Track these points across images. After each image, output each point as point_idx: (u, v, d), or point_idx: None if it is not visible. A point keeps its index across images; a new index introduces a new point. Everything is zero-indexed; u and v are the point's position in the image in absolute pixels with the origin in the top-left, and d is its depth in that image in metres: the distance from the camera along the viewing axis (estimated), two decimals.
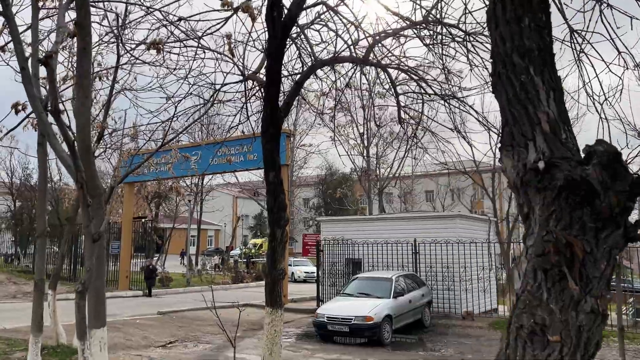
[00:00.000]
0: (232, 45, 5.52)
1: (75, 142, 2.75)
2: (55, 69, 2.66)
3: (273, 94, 5.69)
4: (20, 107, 7.89)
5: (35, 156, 9.09)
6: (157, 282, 23.28)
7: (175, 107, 9.33)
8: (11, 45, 8.61)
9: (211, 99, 8.49)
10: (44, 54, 2.66)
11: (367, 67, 7.53)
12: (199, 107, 9.43)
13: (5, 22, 3.69)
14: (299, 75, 6.62)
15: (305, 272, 33.26)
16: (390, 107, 14.53)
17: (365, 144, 26.74)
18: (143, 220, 25.71)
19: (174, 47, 6.56)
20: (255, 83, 7.98)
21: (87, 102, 3.24)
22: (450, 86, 7.43)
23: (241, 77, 7.79)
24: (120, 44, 7.37)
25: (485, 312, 16.36)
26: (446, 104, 7.43)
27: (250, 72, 7.60)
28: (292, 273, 34.24)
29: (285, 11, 5.28)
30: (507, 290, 19.25)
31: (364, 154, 27.10)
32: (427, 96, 7.44)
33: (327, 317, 12.27)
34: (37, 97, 3.89)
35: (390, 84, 7.46)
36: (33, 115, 8.14)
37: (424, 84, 7.33)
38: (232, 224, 77.30)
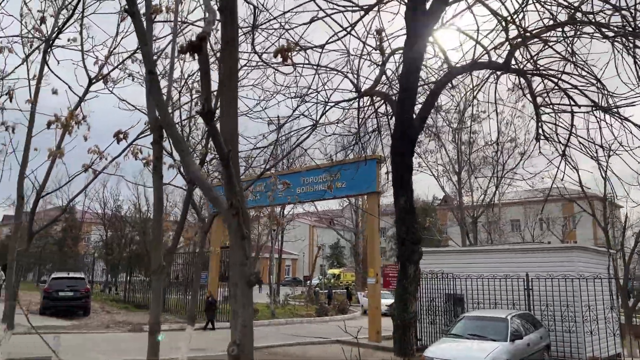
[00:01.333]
0: (381, 41, 4.73)
1: (230, 155, 1.99)
2: (208, 57, 1.90)
3: (408, 106, 4.82)
4: (122, 136, 7.59)
5: (138, 184, 8.80)
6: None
7: (278, 130, 8.79)
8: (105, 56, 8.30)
9: (321, 116, 7.79)
10: (194, 37, 1.84)
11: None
12: (307, 128, 8.81)
13: (131, 20, 3.10)
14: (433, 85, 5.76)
15: (387, 306, 31.83)
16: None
17: (457, 169, 25.24)
18: None
19: (293, 62, 5.93)
20: (371, 99, 7.21)
21: (234, 105, 2.49)
22: (605, 95, 6.25)
23: (354, 94, 7.04)
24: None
25: (609, 357, 14.33)
26: (600, 117, 6.25)
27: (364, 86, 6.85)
28: None
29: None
30: (626, 331, 16.99)
31: (455, 180, 25.60)
32: (577, 107, 6.30)
33: None
34: (166, 107, 3.25)
35: (529, 94, 6.41)
36: (139, 141, 7.75)
37: (573, 94, 6.21)
38: (310, 254, 77.07)
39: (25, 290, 29.69)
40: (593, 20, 5.37)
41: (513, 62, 5.85)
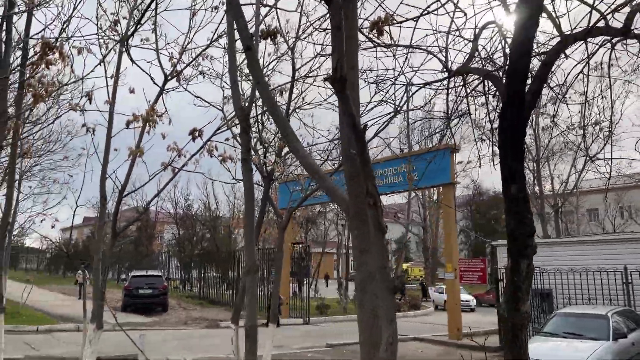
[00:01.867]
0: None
1: (364, 128, 1.57)
2: (340, 8, 1.48)
3: (518, 80, 4.22)
4: (197, 134, 7.44)
5: (214, 179, 8.62)
6: (314, 309, 22.72)
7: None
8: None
9: (407, 101, 7.26)
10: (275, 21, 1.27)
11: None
12: (390, 114, 8.31)
13: None
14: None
15: (461, 301, 30.75)
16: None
17: (537, 157, 23.72)
18: (301, 245, 25.54)
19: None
20: (463, 79, 6.62)
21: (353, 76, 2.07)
22: None
23: (443, 74, 6.48)
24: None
25: None
26: None
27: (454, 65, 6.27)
28: (445, 301, 31.91)
29: None
30: None
31: (534, 169, 24.13)
32: None
33: None
34: (267, 84, 2.89)
35: None
36: (214, 139, 7.58)
37: None
38: None
39: (107, 288, 31.02)
40: None
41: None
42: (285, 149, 9.25)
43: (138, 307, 21.41)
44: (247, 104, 5.66)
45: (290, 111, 8.65)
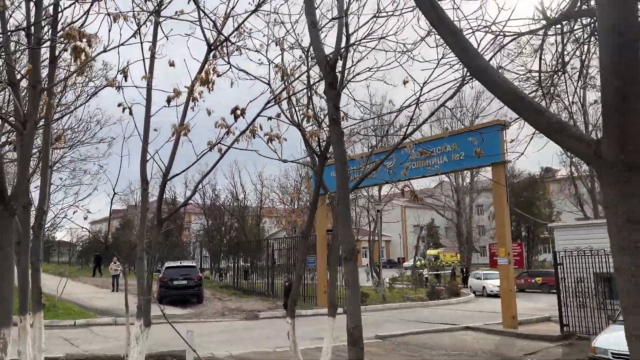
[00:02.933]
0: None
1: None
2: None
3: None
4: (239, 112, 6.77)
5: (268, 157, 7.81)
6: None
7: (421, 87, 7.38)
8: None
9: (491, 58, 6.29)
10: None
11: None
12: (455, 82, 7.34)
13: None
14: None
15: (497, 286, 29.67)
16: None
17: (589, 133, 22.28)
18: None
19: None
20: (561, 28, 5.63)
21: None
22: None
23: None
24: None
25: None
26: None
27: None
28: (484, 287, 30.87)
29: None
30: None
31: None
32: None
33: (613, 354, 9.24)
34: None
35: None
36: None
37: None
38: (404, 235, 75.18)
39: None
40: None
41: None
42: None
43: (174, 299, 20.92)
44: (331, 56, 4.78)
45: None
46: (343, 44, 7.03)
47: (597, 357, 9.48)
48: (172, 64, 7.60)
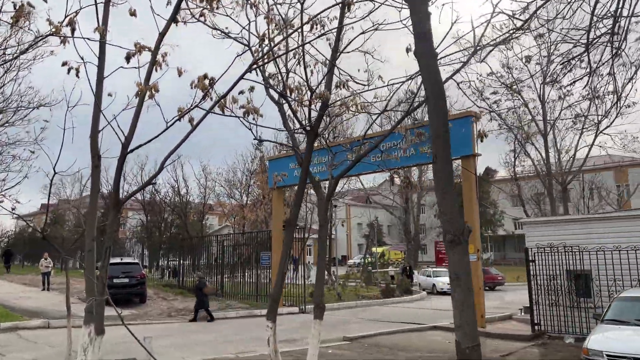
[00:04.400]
0: None
1: None
2: None
3: None
4: (207, 82, 5.67)
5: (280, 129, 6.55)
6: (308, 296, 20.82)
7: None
8: None
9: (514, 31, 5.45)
10: None
11: None
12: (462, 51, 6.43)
13: None
14: None
15: (447, 284, 29.53)
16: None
17: (544, 132, 22.27)
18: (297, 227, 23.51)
19: None
20: None
21: None
22: None
23: None
24: None
25: None
26: None
27: None
28: (434, 285, 30.66)
29: None
30: None
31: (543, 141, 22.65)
32: None
33: (609, 355, 8.67)
34: None
35: None
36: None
37: None
38: (349, 232, 74.95)
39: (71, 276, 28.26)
40: None
41: None
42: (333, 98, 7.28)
43: (114, 299, 18.97)
44: None
45: None
46: None
47: (593, 359, 8.89)
48: (132, 13, 6.26)
